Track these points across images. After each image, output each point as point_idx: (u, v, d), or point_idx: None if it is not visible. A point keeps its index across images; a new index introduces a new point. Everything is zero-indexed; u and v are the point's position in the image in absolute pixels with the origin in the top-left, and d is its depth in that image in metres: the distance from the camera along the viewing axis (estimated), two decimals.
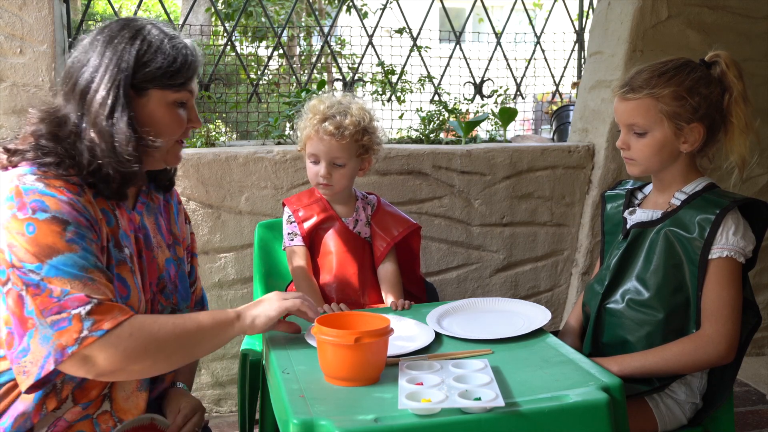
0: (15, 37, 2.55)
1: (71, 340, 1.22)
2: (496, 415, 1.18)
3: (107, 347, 1.24)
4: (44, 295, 1.23)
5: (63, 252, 1.25)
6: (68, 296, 1.23)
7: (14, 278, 1.24)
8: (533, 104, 4.17)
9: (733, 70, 1.62)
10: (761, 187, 3.12)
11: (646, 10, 2.85)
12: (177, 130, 1.46)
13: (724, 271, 1.57)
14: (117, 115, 1.35)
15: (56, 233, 1.26)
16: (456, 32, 3.49)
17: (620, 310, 1.69)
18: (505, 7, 3.68)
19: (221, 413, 2.75)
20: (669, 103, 1.60)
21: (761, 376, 3.05)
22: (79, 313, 1.23)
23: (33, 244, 1.24)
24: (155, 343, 1.30)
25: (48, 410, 1.33)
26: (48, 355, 1.23)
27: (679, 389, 1.66)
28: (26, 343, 1.24)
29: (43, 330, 1.23)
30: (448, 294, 2.86)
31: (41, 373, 1.23)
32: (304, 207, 2.04)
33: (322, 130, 1.93)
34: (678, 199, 1.66)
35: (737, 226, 1.57)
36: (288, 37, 5.99)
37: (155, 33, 1.40)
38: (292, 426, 1.16)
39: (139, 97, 1.39)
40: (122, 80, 1.35)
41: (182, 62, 1.41)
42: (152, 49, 1.38)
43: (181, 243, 1.62)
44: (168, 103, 1.42)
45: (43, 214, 1.26)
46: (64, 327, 1.22)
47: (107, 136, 1.35)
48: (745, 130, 1.62)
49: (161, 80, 1.39)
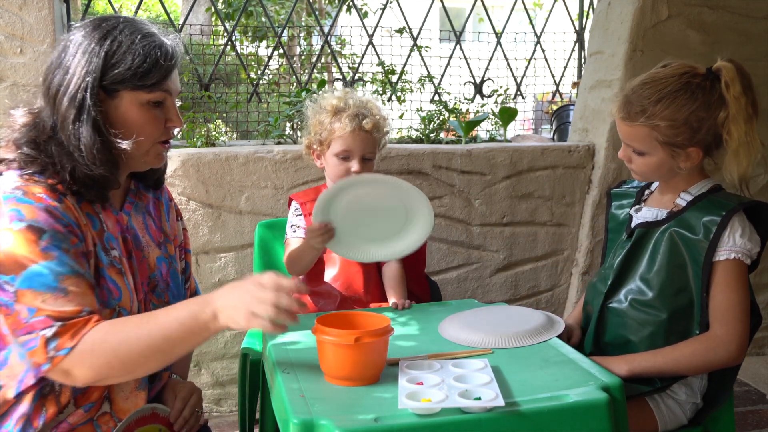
0: (15, 37, 2.55)
1: (43, 359, 1.24)
2: (496, 414, 1.18)
3: (77, 364, 1.25)
4: (14, 315, 1.25)
5: (37, 261, 1.25)
6: (35, 318, 1.24)
7: None
8: (533, 104, 4.17)
9: (736, 88, 1.55)
10: (761, 187, 3.11)
11: (647, 10, 2.85)
12: (153, 131, 1.41)
13: (731, 273, 1.56)
14: (83, 117, 1.33)
15: (32, 242, 1.26)
16: (456, 32, 3.49)
17: (623, 310, 1.69)
18: (505, 6, 3.67)
19: (221, 413, 2.75)
20: (665, 133, 1.58)
21: (761, 376, 3.05)
22: (45, 335, 1.24)
23: (7, 256, 1.25)
24: (117, 358, 1.27)
25: (48, 413, 1.33)
26: (27, 371, 1.27)
27: (680, 389, 1.66)
28: (3, 357, 1.30)
29: (17, 348, 1.27)
30: (448, 294, 2.86)
31: (20, 387, 1.28)
32: (311, 201, 2.04)
33: (359, 128, 1.94)
34: (683, 199, 1.65)
35: (743, 228, 1.57)
36: (288, 36, 5.98)
37: (127, 32, 1.37)
38: (292, 426, 1.16)
39: (110, 98, 1.37)
40: (90, 82, 1.33)
41: (153, 62, 1.37)
42: (121, 50, 1.35)
43: (172, 240, 1.61)
44: (141, 104, 1.39)
45: (18, 223, 1.27)
46: (33, 347, 1.24)
47: (74, 140, 1.34)
48: (737, 152, 1.56)
49: (132, 81, 1.36)
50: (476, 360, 1.39)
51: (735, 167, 1.59)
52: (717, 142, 1.60)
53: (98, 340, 1.26)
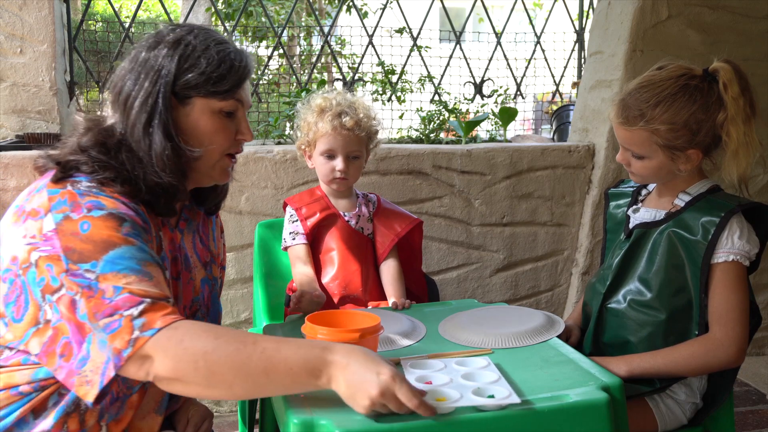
0: (15, 37, 2.56)
1: (124, 343, 1.13)
2: (496, 414, 1.18)
3: (159, 350, 1.13)
4: (97, 296, 1.15)
5: (119, 245, 1.18)
6: (120, 296, 1.15)
7: (68, 283, 1.16)
8: (533, 104, 4.17)
9: (733, 89, 1.54)
10: (761, 187, 3.11)
11: (647, 10, 2.85)
12: (223, 141, 1.36)
13: (730, 274, 1.56)
14: (155, 122, 1.29)
15: (112, 228, 1.19)
16: (456, 32, 3.49)
17: (622, 311, 1.68)
18: (505, 6, 3.68)
19: (221, 413, 2.75)
20: (664, 136, 1.57)
21: (761, 375, 3.05)
22: (131, 314, 1.14)
23: (88, 242, 1.17)
24: (206, 364, 1.13)
25: (71, 431, 1.25)
26: (107, 361, 1.14)
27: (680, 389, 1.66)
28: (86, 350, 1.15)
29: (98, 334, 1.14)
30: (448, 294, 2.86)
31: (104, 381, 1.14)
32: (306, 205, 2.06)
33: (341, 126, 1.96)
34: (682, 200, 1.65)
35: (742, 230, 1.57)
36: (288, 36, 5.98)
37: (201, 38, 1.33)
38: (292, 426, 1.16)
39: (182, 105, 1.32)
40: (162, 86, 1.29)
41: (228, 68, 1.32)
42: (195, 54, 1.31)
43: (216, 261, 1.55)
44: (213, 112, 1.34)
45: (98, 211, 1.20)
46: (116, 329, 1.13)
47: (144, 145, 1.29)
48: (736, 153, 1.56)
49: (205, 87, 1.31)
50: (478, 358, 1.39)
51: (734, 168, 1.58)
52: (716, 142, 1.60)
53: (192, 334, 1.14)
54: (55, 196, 1.22)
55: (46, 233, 1.19)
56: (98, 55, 3.45)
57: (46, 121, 2.65)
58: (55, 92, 2.63)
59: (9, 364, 1.23)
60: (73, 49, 2.90)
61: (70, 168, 1.26)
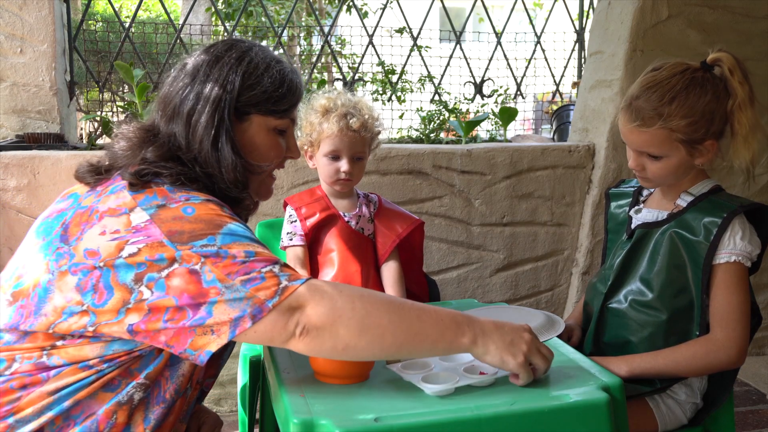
0: (15, 37, 2.56)
1: (270, 294, 1.13)
2: (496, 414, 1.18)
3: (314, 296, 1.15)
4: (227, 261, 1.14)
5: (230, 222, 1.19)
6: (254, 258, 1.15)
7: (184, 257, 1.14)
8: (533, 104, 4.18)
9: (738, 74, 1.56)
10: (762, 187, 3.12)
11: (647, 10, 2.85)
12: (275, 157, 1.40)
13: (732, 275, 1.56)
14: (222, 140, 1.31)
15: (215, 210, 1.21)
16: (456, 32, 3.49)
17: (623, 311, 1.68)
18: (506, 6, 3.68)
19: (221, 413, 2.75)
20: (684, 131, 1.56)
21: (761, 375, 3.05)
22: (272, 270, 1.15)
23: (197, 221, 1.18)
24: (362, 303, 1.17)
25: (118, 423, 1.22)
26: (242, 314, 1.13)
27: (680, 389, 1.66)
28: (205, 311, 1.13)
29: (231, 293, 1.13)
30: (448, 294, 2.86)
31: (236, 332, 1.14)
32: (306, 205, 2.05)
33: (347, 127, 1.95)
34: (684, 200, 1.65)
35: (744, 230, 1.57)
36: (288, 36, 5.99)
37: (262, 56, 1.35)
38: (292, 426, 1.16)
39: (240, 121, 1.34)
40: (227, 102, 1.31)
41: (288, 87, 1.36)
42: (258, 72, 1.33)
43: None
44: (269, 129, 1.37)
45: (197, 198, 1.22)
46: (259, 283, 1.14)
47: (214, 161, 1.30)
48: (747, 138, 1.57)
49: (265, 105, 1.34)
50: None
51: (746, 153, 1.59)
52: (723, 132, 1.61)
53: (348, 288, 1.19)
54: (140, 195, 1.22)
55: (137, 225, 1.17)
56: (98, 55, 3.45)
57: (46, 121, 2.65)
58: (55, 92, 2.63)
59: (76, 343, 1.19)
60: (74, 49, 2.90)
61: (144, 175, 1.25)
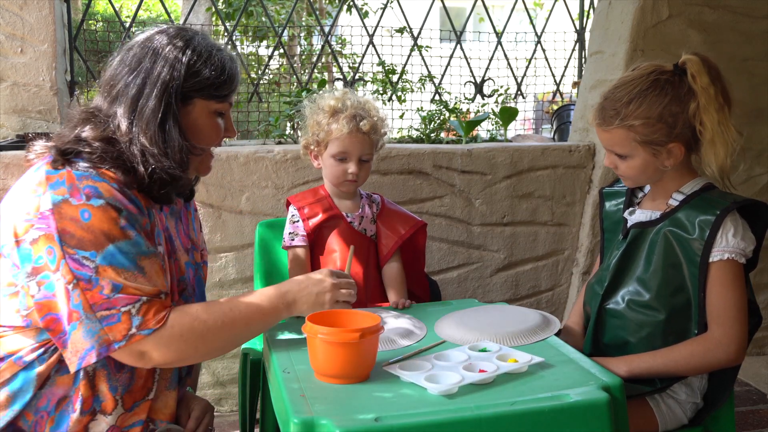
0: (16, 37, 2.56)
1: (119, 336, 1.27)
2: (496, 414, 1.18)
3: (156, 347, 1.30)
4: (95, 291, 1.26)
5: (118, 239, 1.28)
6: (118, 294, 1.27)
7: (64, 269, 1.26)
8: (534, 104, 4.18)
9: (703, 77, 1.56)
10: (761, 187, 3.11)
11: (647, 10, 2.85)
12: (215, 138, 1.51)
13: (726, 273, 1.56)
14: (169, 123, 1.39)
15: (112, 219, 1.29)
16: (456, 32, 3.49)
17: (621, 311, 1.68)
18: (506, 6, 3.68)
19: (222, 413, 2.75)
20: (641, 132, 1.59)
21: (761, 375, 3.05)
22: (129, 311, 1.27)
23: (89, 231, 1.27)
24: (204, 344, 1.36)
25: (85, 398, 1.33)
26: (90, 348, 1.27)
27: (680, 389, 1.66)
28: (68, 331, 1.27)
29: (89, 324, 1.26)
30: (448, 294, 2.86)
31: (81, 364, 1.27)
32: (309, 205, 2.05)
33: (357, 129, 1.94)
34: (676, 199, 1.65)
35: (736, 227, 1.57)
36: (288, 36, 5.98)
37: (204, 44, 1.45)
38: (292, 425, 1.16)
39: (184, 105, 1.43)
40: (174, 88, 1.39)
41: (229, 74, 1.47)
42: (202, 59, 1.42)
43: (198, 249, 1.64)
44: (210, 112, 1.47)
45: (97, 200, 1.29)
46: (113, 323, 1.27)
47: (160, 143, 1.39)
48: (713, 143, 1.56)
49: (208, 90, 1.44)
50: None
51: (713, 158, 1.59)
52: (695, 136, 1.60)
53: (187, 327, 1.33)
54: (54, 176, 1.30)
55: (43, 212, 1.27)
56: (99, 55, 3.45)
57: (46, 121, 2.65)
58: (55, 92, 2.63)
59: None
60: (74, 49, 2.90)
61: (68, 153, 1.34)
